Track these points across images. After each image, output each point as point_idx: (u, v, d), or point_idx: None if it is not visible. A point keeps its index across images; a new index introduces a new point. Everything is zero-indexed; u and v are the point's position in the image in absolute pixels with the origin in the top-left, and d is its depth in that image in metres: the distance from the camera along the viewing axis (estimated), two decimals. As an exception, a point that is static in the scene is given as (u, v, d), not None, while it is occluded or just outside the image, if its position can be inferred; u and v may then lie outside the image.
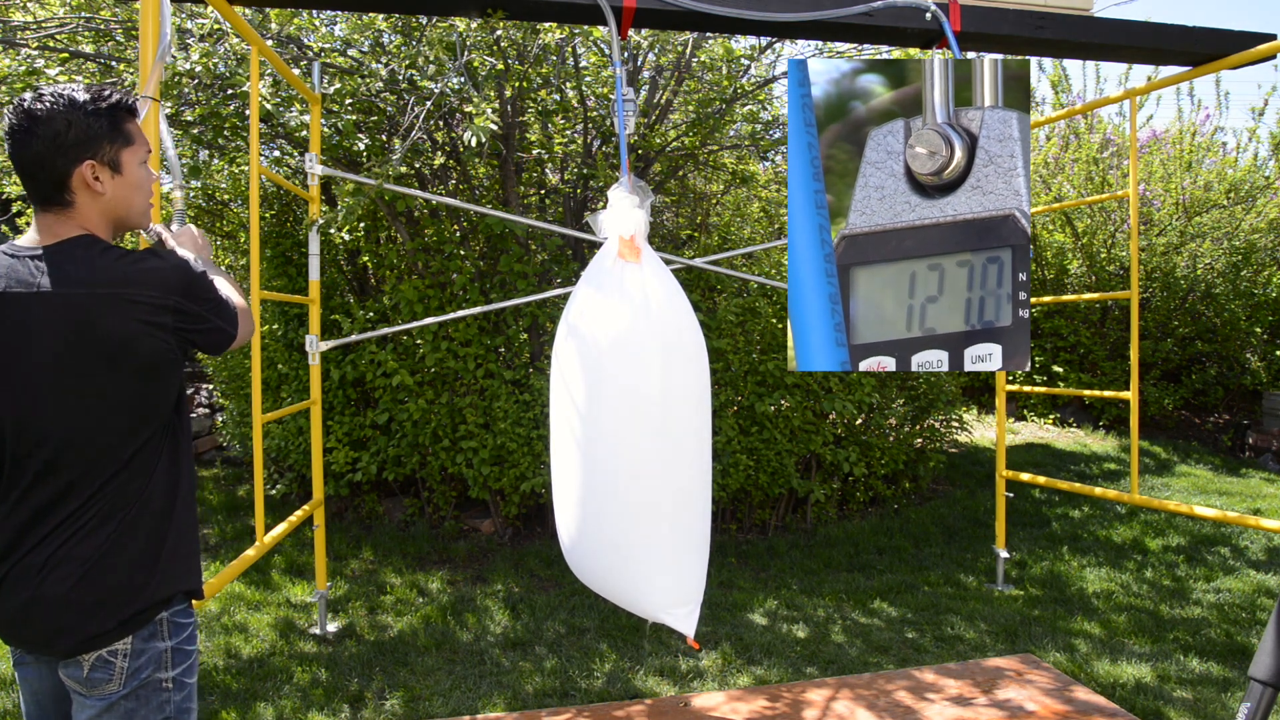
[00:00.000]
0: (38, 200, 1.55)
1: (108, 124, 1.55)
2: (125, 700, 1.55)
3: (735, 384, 5.14)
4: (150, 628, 1.58)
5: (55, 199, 1.54)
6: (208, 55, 3.83)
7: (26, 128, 1.50)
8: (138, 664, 1.55)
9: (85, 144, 1.52)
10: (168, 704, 1.59)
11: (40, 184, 1.53)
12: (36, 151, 1.50)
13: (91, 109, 1.53)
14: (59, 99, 1.51)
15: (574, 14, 2.90)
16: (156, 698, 1.58)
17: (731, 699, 3.16)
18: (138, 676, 1.55)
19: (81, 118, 1.51)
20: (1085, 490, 4.19)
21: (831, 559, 4.94)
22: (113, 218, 1.60)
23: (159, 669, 1.58)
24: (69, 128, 1.50)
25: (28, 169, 1.52)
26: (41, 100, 1.51)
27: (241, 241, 6.35)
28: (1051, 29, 3.06)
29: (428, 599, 4.32)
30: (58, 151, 1.50)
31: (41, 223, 1.56)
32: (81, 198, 1.55)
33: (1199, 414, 8.57)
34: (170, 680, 1.59)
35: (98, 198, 1.56)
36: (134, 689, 1.55)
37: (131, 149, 1.59)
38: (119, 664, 1.54)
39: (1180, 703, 3.22)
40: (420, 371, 5.07)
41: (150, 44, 2.35)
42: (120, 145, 1.57)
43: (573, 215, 5.36)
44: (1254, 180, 7.81)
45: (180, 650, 1.61)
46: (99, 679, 1.53)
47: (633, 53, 5.15)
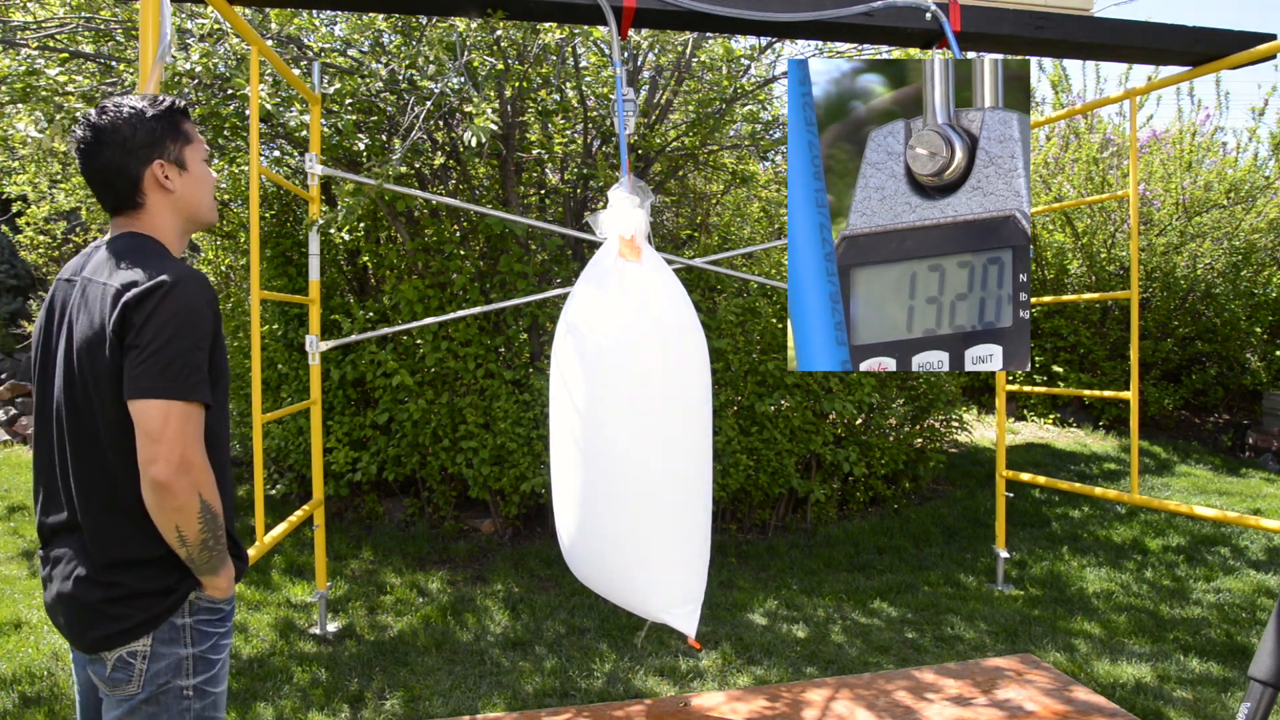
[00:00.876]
0: (112, 206, 1.64)
1: (169, 125, 1.64)
2: (145, 705, 1.54)
3: (735, 384, 5.14)
4: (171, 632, 1.56)
5: (129, 202, 1.63)
6: (208, 55, 3.83)
7: (95, 138, 1.59)
8: (157, 668, 1.54)
9: (152, 145, 1.61)
10: (188, 712, 1.57)
11: (115, 189, 1.62)
12: (107, 159, 1.59)
13: (152, 113, 1.62)
14: (120, 108, 1.61)
15: (574, 14, 2.90)
16: (177, 705, 1.56)
17: (731, 699, 3.16)
18: (156, 681, 1.55)
19: (144, 121, 1.61)
20: (1085, 490, 4.19)
21: (831, 559, 4.94)
22: (185, 214, 1.68)
23: (179, 675, 1.56)
24: (135, 132, 1.60)
25: (101, 177, 1.61)
26: (105, 113, 1.61)
27: (241, 241, 6.35)
28: (1051, 29, 3.06)
29: (428, 599, 4.32)
30: (128, 155, 1.60)
31: (114, 223, 1.66)
32: (154, 198, 1.63)
33: (1199, 414, 8.57)
34: (191, 688, 1.58)
35: (169, 195, 1.64)
36: (153, 694, 1.54)
37: (193, 146, 1.69)
38: (138, 666, 1.53)
39: (1180, 703, 3.22)
40: (420, 371, 5.07)
41: (150, 44, 2.35)
42: (182, 144, 1.66)
43: (573, 215, 5.36)
44: (1254, 180, 7.81)
45: (204, 659, 1.59)
46: (119, 679, 1.54)
47: (633, 53, 5.15)
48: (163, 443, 1.45)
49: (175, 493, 1.46)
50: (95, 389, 1.51)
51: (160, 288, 1.49)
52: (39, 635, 3.86)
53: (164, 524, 1.49)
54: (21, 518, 5.64)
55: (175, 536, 1.50)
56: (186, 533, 1.50)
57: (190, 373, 1.48)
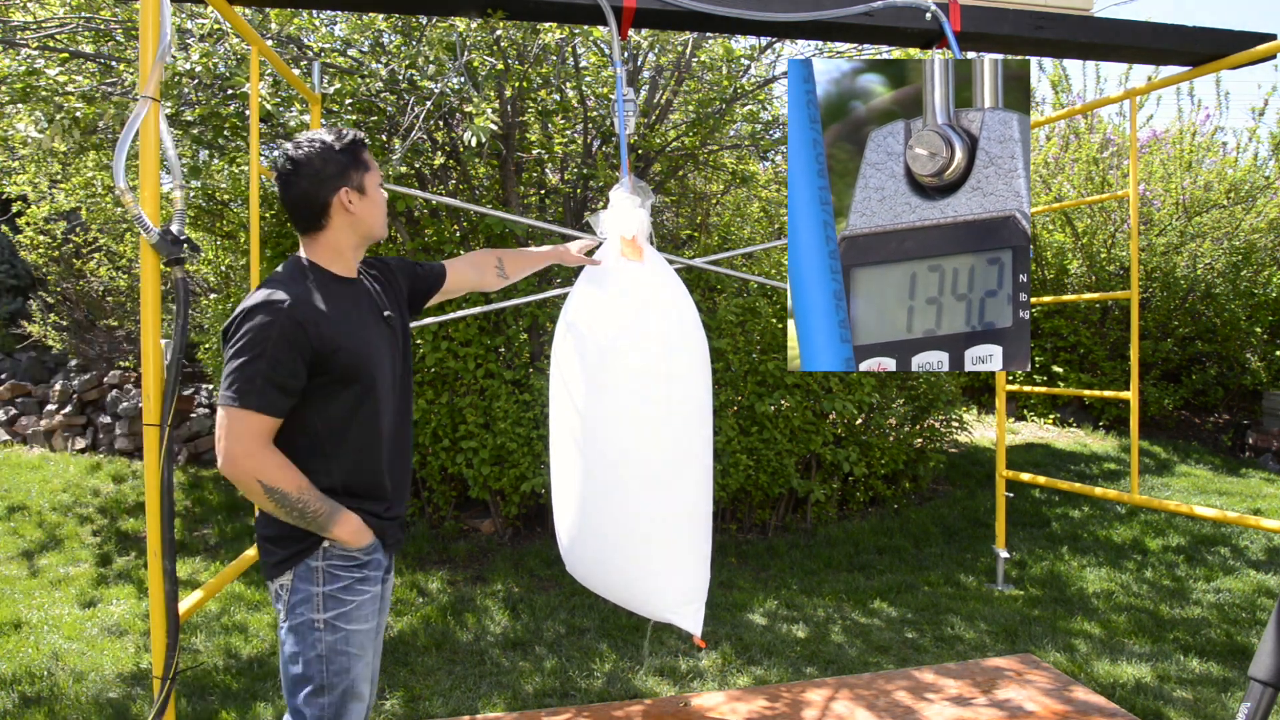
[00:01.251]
0: (301, 228, 1.90)
1: (352, 156, 1.88)
2: (288, 631, 1.84)
3: (735, 384, 5.14)
4: (306, 572, 1.83)
5: (315, 225, 1.89)
6: (208, 55, 3.83)
7: (293, 170, 1.85)
8: (294, 600, 1.83)
9: (339, 176, 1.86)
10: (319, 642, 1.82)
11: (305, 215, 1.88)
12: (302, 189, 1.85)
13: (339, 147, 1.86)
14: (314, 143, 1.85)
15: (574, 14, 2.89)
16: (310, 635, 1.82)
17: (731, 699, 3.16)
18: (294, 613, 1.83)
19: (333, 155, 1.86)
20: (1085, 490, 4.19)
21: (831, 559, 4.94)
22: (362, 231, 1.93)
23: (313, 610, 1.82)
24: (325, 165, 1.85)
25: (295, 205, 1.87)
26: (301, 147, 1.85)
27: (241, 241, 6.35)
28: (1051, 29, 3.05)
29: (428, 599, 4.32)
30: (319, 185, 1.85)
31: (302, 242, 1.93)
32: (337, 220, 1.89)
33: (1199, 414, 8.57)
34: (323, 622, 1.82)
35: (351, 218, 1.89)
36: (293, 623, 1.83)
37: (370, 174, 1.92)
38: (285, 598, 1.84)
39: (1180, 703, 3.22)
40: (420, 371, 5.07)
41: (150, 44, 2.34)
42: (363, 172, 1.90)
43: (573, 215, 5.35)
44: (1254, 180, 7.81)
45: (334, 597, 1.84)
46: (277, 605, 1.88)
47: (633, 53, 5.15)
48: (220, 440, 1.75)
49: (236, 480, 1.77)
50: None
51: (242, 313, 1.77)
52: (39, 635, 3.86)
53: (250, 498, 1.81)
54: (21, 518, 5.65)
55: (263, 506, 1.81)
56: (266, 507, 1.80)
57: (245, 385, 1.73)
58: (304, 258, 1.91)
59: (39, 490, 6.12)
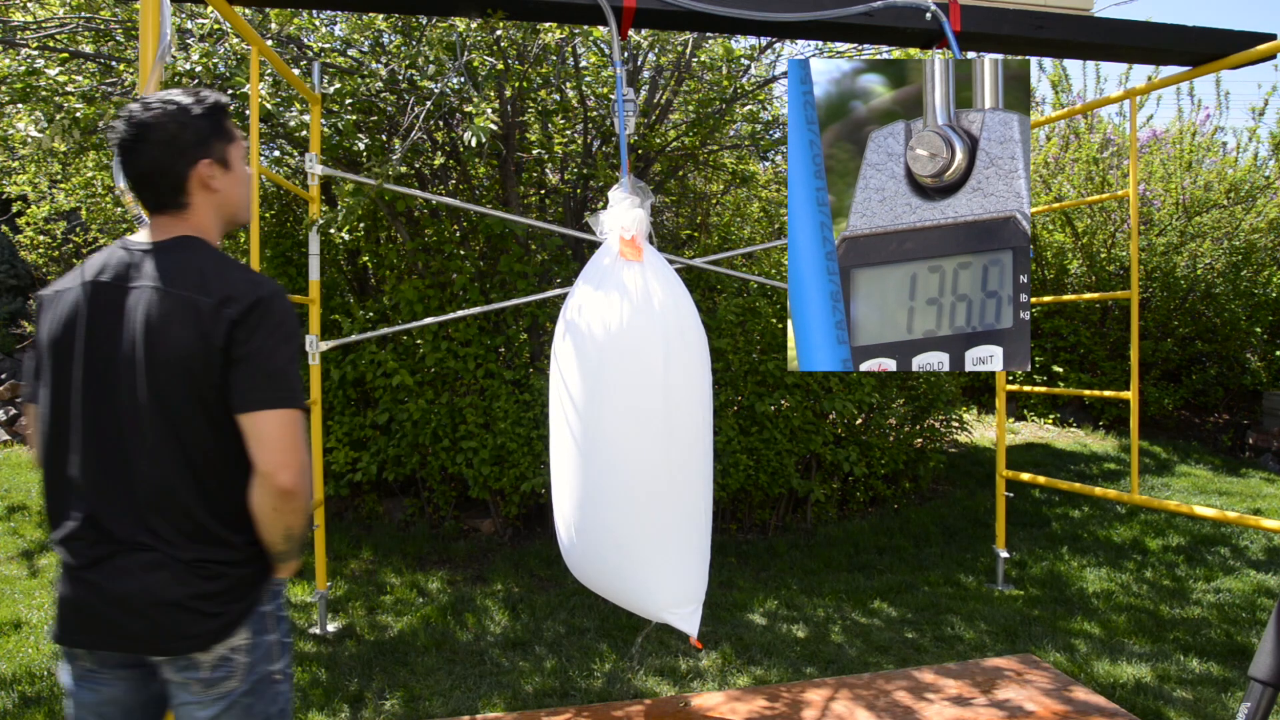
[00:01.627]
0: (154, 206, 1.58)
1: (214, 123, 1.59)
2: (245, 696, 1.56)
3: (735, 384, 5.14)
4: (260, 621, 1.59)
5: (172, 202, 1.57)
6: (208, 55, 3.83)
7: (140, 136, 1.53)
8: (254, 658, 1.57)
9: (199, 144, 1.56)
10: (280, 695, 1.63)
11: (159, 190, 1.56)
12: (154, 158, 1.54)
13: (198, 110, 1.57)
14: (167, 104, 1.55)
15: (574, 14, 2.90)
16: (271, 689, 1.60)
17: (730, 699, 3.16)
18: (255, 671, 1.57)
19: (190, 119, 1.56)
20: (1085, 490, 4.19)
21: (831, 559, 4.94)
22: (226, 213, 1.64)
23: (270, 661, 1.60)
24: (182, 130, 1.54)
25: (145, 177, 1.55)
26: (150, 109, 1.54)
27: (241, 241, 6.35)
28: (1051, 29, 3.06)
29: (427, 599, 4.32)
30: (174, 155, 1.54)
31: (155, 224, 1.59)
32: (198, 198, 1.58)
33: (1199, 414, 8.57)
34: (280, 672, 1.63)
35: (213, 195, 1.60)
36: (253, 684, 1.57)
37: (235, 145, 1.64)
38: (239, 660, 1.55)
39: (1180, 703, 3.22)
40: (420, 371, 5.07)
41: (150, 44, 2.35)
42: (226, 142, 1.61)
43: (573, 215, 5.35)
44: (1254, 180, 7.81)
45: (283, 643, 1.65)
46: (219, 678, 1.54)
47: (633, 53, 5.15)
48: (288, 451, 1.49)
49: (299, 496, 1.51)
50: (185, 397, 1.50)
51: (262, 301, 1.51)
52: (39, 635, 3.86)
53: (277, 525, 1.53)
54: (21, 518, 5.65)
55: (282, 535, 1.55)
56: (295, 531, 1.56)
57: (296, 380, 1.52)
58: (199, 238, 1.60)
59: (39, 490, 6.12)
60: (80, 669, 1.58)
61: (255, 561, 1.59)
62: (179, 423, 1.51)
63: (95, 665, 1.58)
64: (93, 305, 1.54)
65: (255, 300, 1.50)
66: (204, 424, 1.52)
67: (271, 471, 1.49)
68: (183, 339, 1.49)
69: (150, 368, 1.50)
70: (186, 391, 1.50)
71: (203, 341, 1.49)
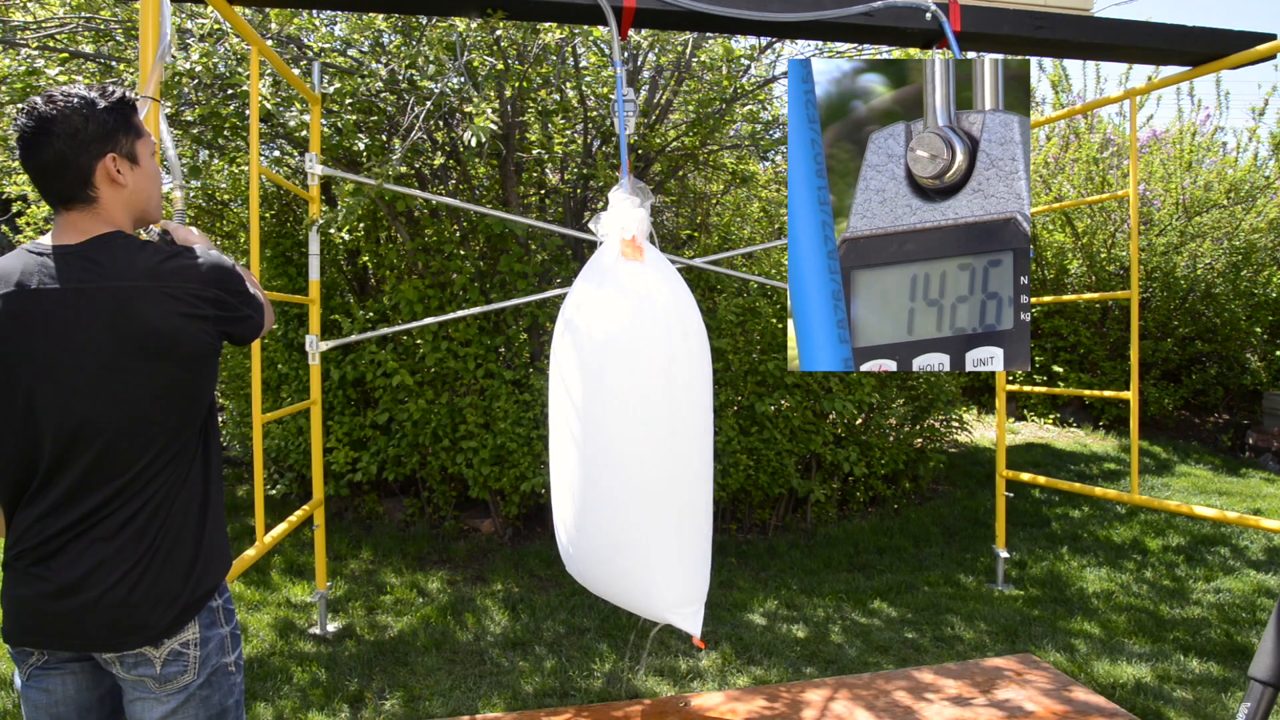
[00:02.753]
0: (59, 200, 1.55)
1: (120, 117, 1.58)
2: (201, 689, 1.59)
3: (735, 384, 5.14)
4: (210, 615, 1.62)
5: (79, 196, 1.55)
6: (208, 55, 3.83)
7: (42, 128, 1.51)
8: (207, 651, 1.60)
9: (104, 138, 1.55)
10: (235, 687, 1.66)
11: (64, 183, 1.54)
12: (57, 150, 1.51)
13: (103, 104, 1.56)
14: (70, 98, 1.53)
15: (574, 14, 2.90)
16: (226, 682, 1.64)
17: (730, 699, 3.16)
18: (209, 664, 1.60)
19: (96, 113, 1.54)
20: (1085, 490, 4.19)
21: (831, 559, 4.94)
22: (135, 210, 1.62)
23: (224, 653, 1.64)
24: (86, 123, 1.53)
25: (49, 170, 1.53)
26: (53, 102, 1.52)
27: (241, 241, 6.35)
28: (1051, 29, 3.06)
29: (427, 599, 4.32)
30: (79, 148, 1.52)
31: (66, 221, 1.56)
32: (105, 192, 1.56)
33: (1199, 414, 8.57)
34: (233, 664, 1.66)
35: (120, 190, 1.58)
36: (207, 676, 1.60)
37: (143, 140, 1.63)
38: (192, 654, 1.58)
39: (1180, 703, 3.23)
40: (420, 371, 5.07)
41: (150, 44, 2.35)
42: (134, 137, 1.60)
43: (573, 215, 5.35)
44: (1254, 180, 7.81)
45: (234, 635, 1.68)
46: (174, 672, 1.57)
47: (633, 53, 5.15)
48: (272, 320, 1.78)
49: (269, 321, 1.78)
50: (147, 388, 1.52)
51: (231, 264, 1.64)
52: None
53: None
54: (21, 517, 5.64)
55: None
56: None
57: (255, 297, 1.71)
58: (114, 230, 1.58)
59: None
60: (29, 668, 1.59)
61: (204, 554, 1.61)
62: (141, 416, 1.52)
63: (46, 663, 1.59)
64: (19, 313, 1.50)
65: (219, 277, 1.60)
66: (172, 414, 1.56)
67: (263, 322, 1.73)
68: (152, 326, 1.50)
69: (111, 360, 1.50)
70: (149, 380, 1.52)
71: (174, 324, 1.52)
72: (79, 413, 1.50)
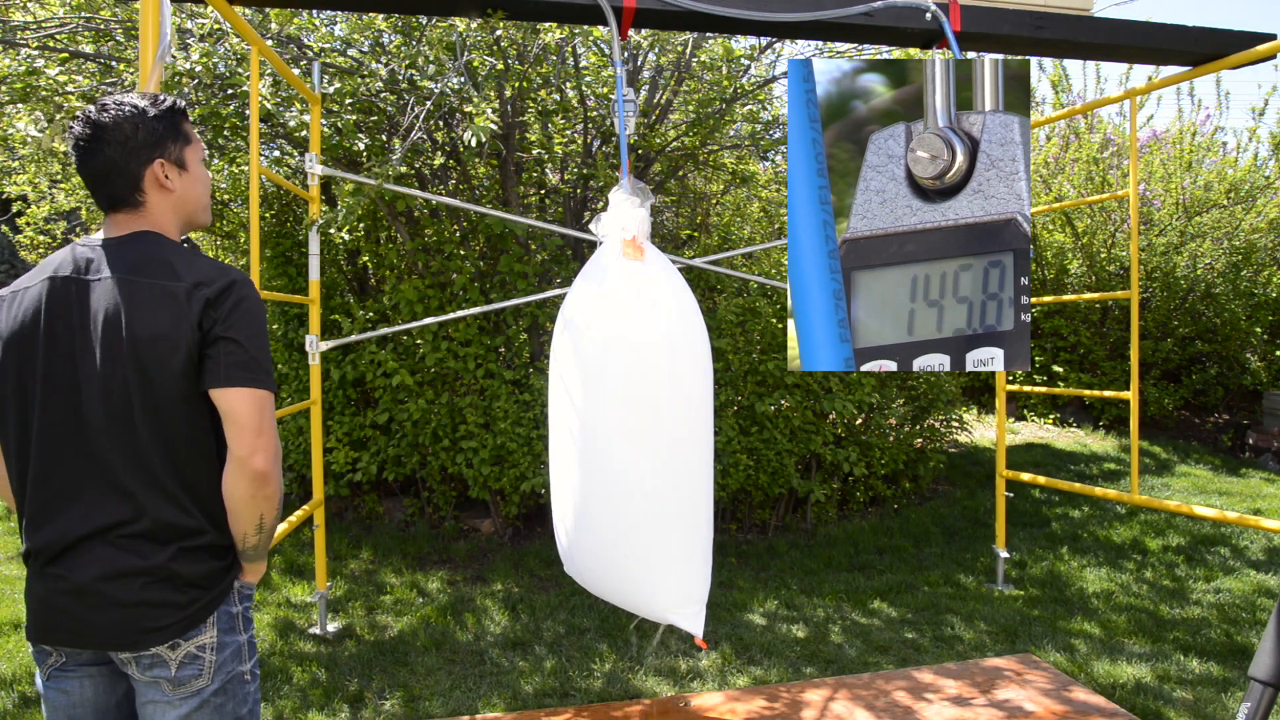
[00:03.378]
0: (109, 204, 1.62)
1: (170, 124, 1.64)
2: (216, 696, 1.57)
3: (735, 384, 5.14)
4: (229, 620, 1.61)
5: (128, 200, 1.61)
6: (208, 55, 3.83)
7: (95, 136, 1.57)
8: (223, 657, 1.59)
9: (153, 145, 1.61)
10: (250, 696, 1.64)
11: (114, 189, 1.60)
12: (109, 157, 1.58)
13: (153, 112, 1.62)
14: (122, 107, 1.59)
15: (574, 14, 2.90)
16: (241, 689, 1.62)
17: (730, 699, 3.16)
18: (224, 670, 1.59)
19: (146, 120, 1.60)
20: (1085, 490, 4.19)
21: (831, 559, 4.94)
22: (183, 214, 1.68)
23: (240, 661, 1.62)
24: (136, 131, 1.59)
25: (101, 176, 1.59)
26: (106, 110, 1.59)
27: (241, 241, 6.35)
28: (1051, 29, 3.06)
29: (427, 599, 4.32)
30: (130, 154, 1.58)
31: (113, 222, 1.63)
32: (153, 197, 1.62)
33: (1199, 414, 8.57)
34: (249, 672, 1.64)
35: (168, 195, 1.63)
36: (223, 683, 1.58)
37: (192, 147, 1.68)
38: (208, 658, 1.57)
39: (1180, 703, 3.23)
40: (420, 371, 5.07)
41: (150, 44, 2.35)
42: (183, 144, 1.66)
43: (573, 215, 5.35)
44: (1254, 180, 7.81)
45: (251, 642, 1.66)
46: (188, 676, 1.55)
47: (633, 53, 5.15)
48: (262, 434, 1.53)
49: (273, 481, 1.55)
50: (164, 387, 1.52)
51: (236, 285, 1.56)
52: (39, 635, 3.86)
53: (250, 513, 1.56)
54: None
55: (255, 525, 1.57)
56: (267, 520, 1.58)
57: (270, 365, 1.56)
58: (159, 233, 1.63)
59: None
60: (49, 669, 1.60)
61: (222, 555, 1.60)
62: (152, 409, 1.52)
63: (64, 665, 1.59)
64: (52, 300, 1.56)
65: (229, 284, 1.55)
66: (180, 410, 1.54)
67: (247, 455, 1.52)
68: (158, 323, 1.51)
69: (124, 355, 1.52)
70: (163, 376, 1.52)
71: (177, 325, 1.51)
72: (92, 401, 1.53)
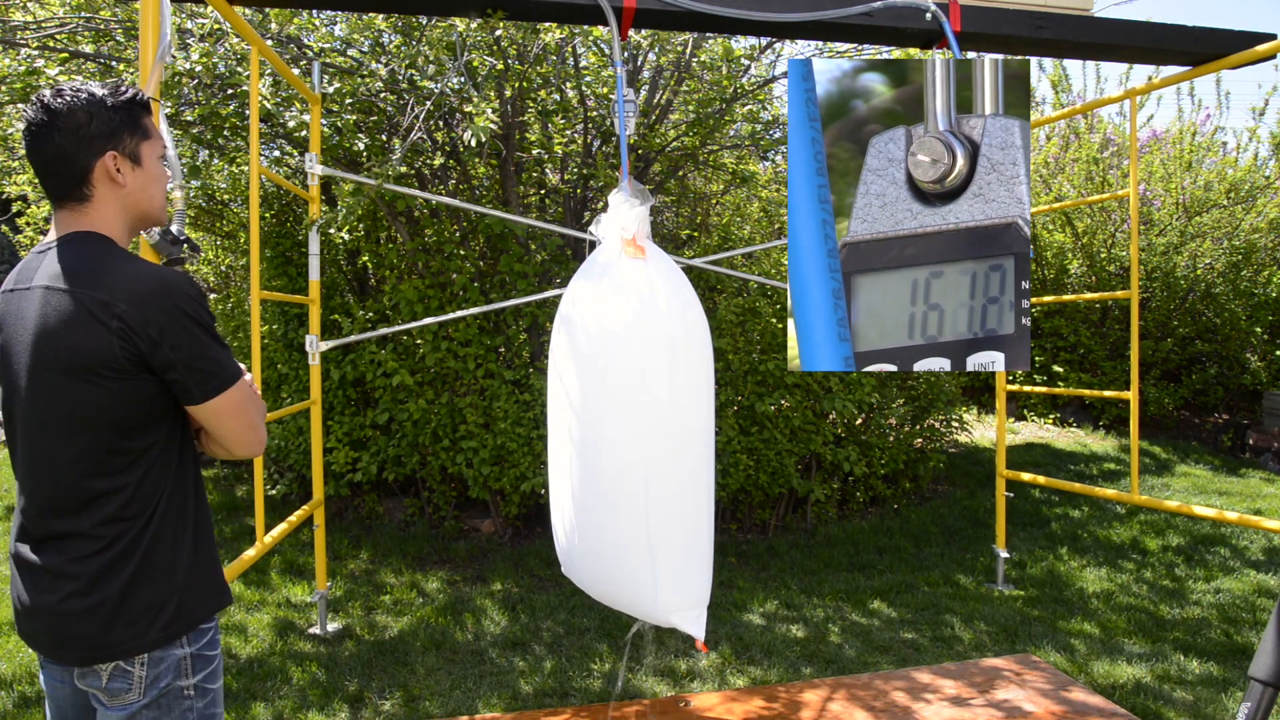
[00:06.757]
0: (56, 195, 1.54)
1: (127, 117, 1.55)
2: (146, 710, 1.51)
3: (735, 384, 5.14)
4: None
5: (75, 193, 1.53)
6: (208, 55, 3.83)
7: (47, 122, 1.49)
8: (157, 671, 1.51)
9: (107, 136, 1.52)
10: (190, 711, 1.55)
11: (61, 178, 1.52)
12: (58, 144, 1.50)
13: (111, 102, 1.53)
14: (79, 93, 1.51)
15: (574, 14, 2.89)
16: (179, 706, 1.53)
17: (728, 699, 3.16)
18: (157, 685, 1.51)
19: (102, 110, 1.52)
20: (1085, 490, 4.19)
21: (831, 559, 4.94)
22: (134, 212, 1.59)
23: (179, 676, 1.53)
24: (90, 120, 1.51)
25: (49, 163, 1.51)
26: (61, 95, 1.51)
27: (241, 241, 6.35)
28: (1051, 29, 3.05)
29: (427, 599, 4.32)
30: (80, 144, 1.50)
31: (58, 218, 1.55)
32: (102, 191, 1.53)
33: (1199, 414, 8.57)
34: (192, 688, 1.55)
35: (118, 190, 1.55)
36: (155, 698, 1.51)
37: (150, 142, 1.60)
38: (137, 672, 1.50)
39: (1179, 703, 3.23)
40: (420, 371, 5.07)
41: (150, 44, 2.34)
42: (140, 138, 1.57)
43: (573, 215, 5.35)
44: (1254, 180, 7.81)
45: (201, 656, 1.57)
46: (118, 689, 1.50)
47: (633, 53, 5.15)
48: (245, 427, 1.56)
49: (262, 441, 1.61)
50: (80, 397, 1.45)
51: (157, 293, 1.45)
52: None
53: None
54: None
55: None
56: None
57: (224, 348, 1.52)
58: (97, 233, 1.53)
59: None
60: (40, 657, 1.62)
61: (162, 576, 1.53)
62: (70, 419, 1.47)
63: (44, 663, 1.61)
64: (6, 311, 1.53)
65: (146, 294, 1.44)
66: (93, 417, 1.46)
67: (234, 449, 1.57)
68: (72, 337, 1.43)
69: (44, 367, 1.47)
70: (80, 391, 1.45)
71: (91, 337, 1.43)
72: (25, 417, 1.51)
